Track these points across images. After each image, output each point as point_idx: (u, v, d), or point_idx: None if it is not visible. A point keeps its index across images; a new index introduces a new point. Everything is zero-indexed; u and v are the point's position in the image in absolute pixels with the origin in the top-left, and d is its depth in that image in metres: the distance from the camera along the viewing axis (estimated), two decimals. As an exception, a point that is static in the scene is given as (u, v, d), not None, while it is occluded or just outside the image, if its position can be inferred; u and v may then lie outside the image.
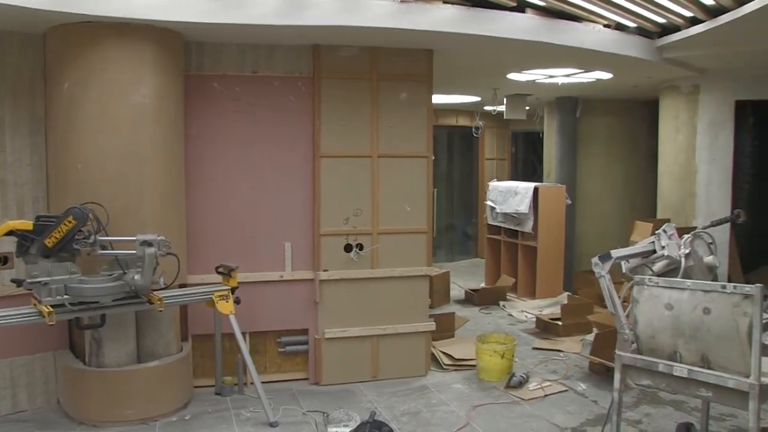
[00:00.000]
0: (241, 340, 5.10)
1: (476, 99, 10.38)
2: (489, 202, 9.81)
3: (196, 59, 5.45)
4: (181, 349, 5.31)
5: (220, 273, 5.26)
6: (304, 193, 5.73)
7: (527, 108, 9.89)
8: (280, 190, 5.69)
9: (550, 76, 7.88)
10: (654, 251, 4.10)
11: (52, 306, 4.34)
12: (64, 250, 4.48)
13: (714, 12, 5.28)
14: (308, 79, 5.66)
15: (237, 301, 5.14)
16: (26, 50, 5.03)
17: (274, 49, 5.59)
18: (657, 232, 4.13)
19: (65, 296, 4.43)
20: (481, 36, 5.28)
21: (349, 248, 5.78)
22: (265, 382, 5.30)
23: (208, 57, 5.48)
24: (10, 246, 4.62)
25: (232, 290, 5.12)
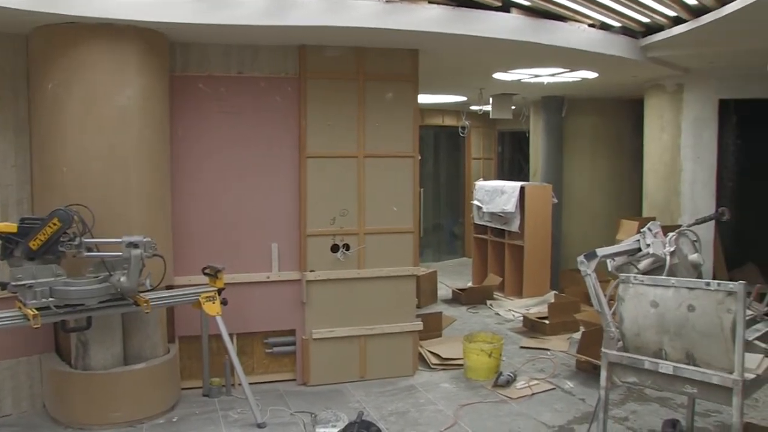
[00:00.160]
0: (229, 342, 5.09)
1: (462, 99, 10.40)
2: (476, 202, 9.83)
3: (181, 60, 5.43)
4: (168, 351, 5.28)
5: (206, 274, 5.24)
6: (290, 194, 5.72)
7: (513, 107, 9.91)
8: (266, 191, 5.68)
9: (536, 76, 7.90)
10: (639, 249, 4.11)
11: (37, 309, 4.30)
12: (49, 253, 4.45)
13: (697, 12, 5.32)
14: (294, 79, 5.65)
15: (224, 303, 5.13)
16: (9, 51, 4.99)
17: (260, 50, 5.57)
18: (642, 230, 4.15)
19: (50, 299, 4.40)
20: (467, 36, 5.29)
21: (335, 248, 5.77)
22: (252, 383, 5.28)
23: (194, 58, 5.46)
24: (-6, 248, 4.57)
25: (219, 291, 5.11)
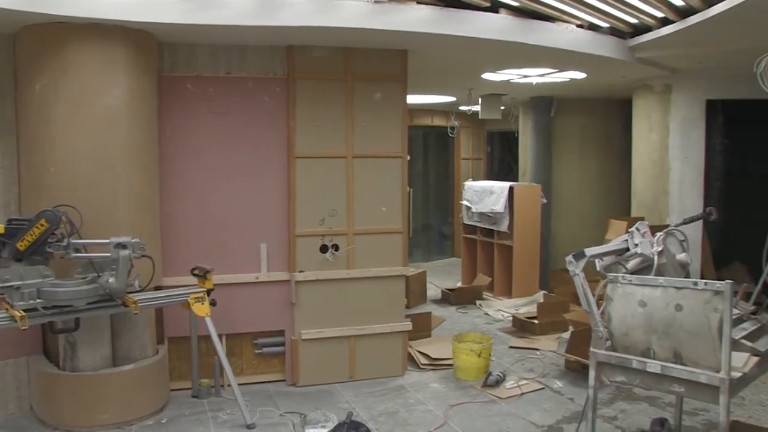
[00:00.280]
0: (218, 342, 5.08)
1: (451, 99, 10.41)
2: (465, 202, 9.85)
3: (169, 60, 5.41)
4: (156, 352, 5.26)
5: (195, 275, 5.23)
6: (279, 194, 5.71)
7: (502, 108, 9.92)
8: (255, 191, 5.67)
9: (525, 76, 7.92)
10: (627, 249, 4.12)
11: (24, 310, 4.27)
12: (37, 254, 4.43)
13: (684, 13, 5.35)
14: (283, 79, 5.64)
15: (213, 303, 5.11)
16: (-4, 51, 4.97)
17: (248, 50, 5.56)
18: (630, 230, 4.16)
19: (38, 300, 4.38)
20: (455, 36, 5.30)
21: (324, 249, 5.77)
22: (242, 384, 5.27)
23: (182, 58, 5.44)
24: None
25: (208, 292, 5.10)
